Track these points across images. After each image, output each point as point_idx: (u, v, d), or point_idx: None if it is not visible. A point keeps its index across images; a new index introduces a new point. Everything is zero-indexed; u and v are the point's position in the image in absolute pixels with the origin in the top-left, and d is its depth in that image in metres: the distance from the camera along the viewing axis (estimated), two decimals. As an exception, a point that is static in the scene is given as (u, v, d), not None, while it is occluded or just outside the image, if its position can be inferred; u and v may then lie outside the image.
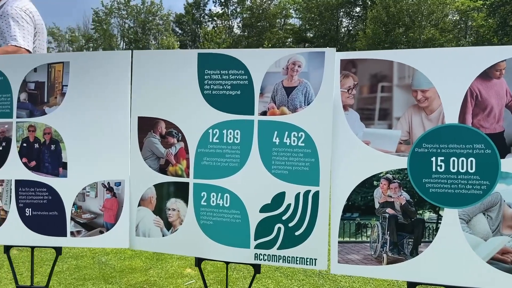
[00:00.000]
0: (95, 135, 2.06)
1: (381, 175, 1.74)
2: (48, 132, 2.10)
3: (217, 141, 1.91)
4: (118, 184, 2.05)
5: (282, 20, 59.91)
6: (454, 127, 1.67)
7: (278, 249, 1.85)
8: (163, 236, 2.00)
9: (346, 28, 58.38)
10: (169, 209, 1.98)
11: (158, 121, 1.99)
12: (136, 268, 3.41)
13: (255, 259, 1.88)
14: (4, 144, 2.13)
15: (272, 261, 1.86)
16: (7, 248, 2.15)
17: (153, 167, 2.00)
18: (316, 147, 1.79)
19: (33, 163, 2.10)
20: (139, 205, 2.03)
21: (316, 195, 1.80)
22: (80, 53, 2.12)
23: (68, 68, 2.10)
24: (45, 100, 2.11)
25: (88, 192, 2.07)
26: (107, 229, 2.05)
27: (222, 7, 60.92)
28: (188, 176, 1.95)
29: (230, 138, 1.89)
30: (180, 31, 62.47)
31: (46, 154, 2.10)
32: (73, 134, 2.08)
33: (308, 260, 1.82)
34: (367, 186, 1.76)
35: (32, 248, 2.15)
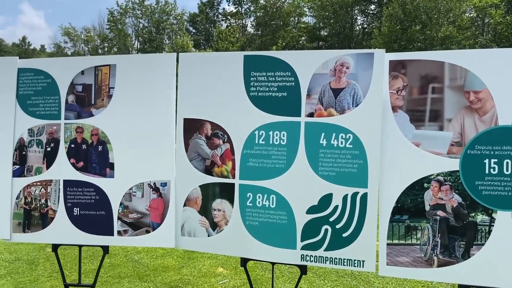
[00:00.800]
0: (142, 136, 2.10)
1: (432, 177, 1.73)
2: (95, 133, 2.15)
3: (263, 142, 1.93)
4: (164, 184, 2.08)
5: (296, 18, 59.61)
6: (508, 128, 1.65)
7: (325, 250, 1.86)
8: (208, 236, 2.02)
9: (360, 26, 57.74)
10: (214, 210, 2.01)
11: (204, 123, 2.02)
12: (169, 267, 3.46)
13: (301, 260, 1.89)
14: (52, 145, 2.19)
15: (318, 262, 1.87)
16: (55, 247, 2.21)
17: (199, 168, 2.03)
18: (365, 148, 1.79)
19: (81, 164, 2.16)
20: (184, 205, 2.06)
21: (364, 197, 1.79)
22: (126, 56, 2.16)
23: (114, 71, 2.14)
24: (93, 102, 2.16)
25: (135, 192, 2.11)
26: (153, 229, 2.08)
27: (236, 6, 60.92)
28: (233, 177, 1.97)
29: (277, 139, 1.91)
30: (194, 30, 62.76)
31: (93, 155, 2.15)
32: (120, 135, 2.12)
33: (355, 262, 1.82)
34: (417, 188, 1.75)
35: (80, 246, 2.21)
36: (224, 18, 62.22)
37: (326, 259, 1.86)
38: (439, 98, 1.73)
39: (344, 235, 1.83)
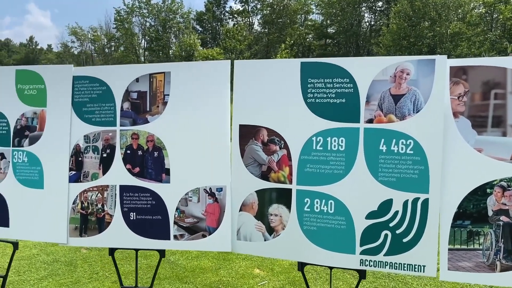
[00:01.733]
0: (197, 142, 2.13)
1: (495, 182, 1.74)
2: (151, 139, 2.19)
3: (321, 148, 1.95)
4: (220, 189, 2.12)
5: (303, 16, 59.43)
6: None
7: (384, 255, 1.88)
8: (265, 240, 2.06)
9: (368, 23, 57.40)
10: (271, 215, 2.04)
11: (260, 129, 2.05)
12: (206, 268, 3.50)
13: (360, 265, 1.91)
14: (108, 151, 2.24)
15: (378, 267, 1.90)
16: (111, 251, 2.26)
17: (255, 173, 2.06)
18: (426, 154, 1.80)
19: (137, 169, 2.20)
20: (240, 210, 2.10)
21: (425, 202, 1.81)
22: (180, 63, 2.19)
23: (169, 78, 2.18)
24: (148, 109, 2.20)
25: (191, 197, 2.15)
26: (210, 233, 2.12)
27: (243, 4, 60.87)
28: (291, 182, 2.00)
29: (335, 145, 1.93)
30: (200, 29, 62.85)
31: (149, 161, 2.19)
32: (175, 141, 2.16)
33: (416, 266, 1.84)
34: (479, 193, 1.76)
35: (136, 250, 2.26)
36: (231, 16, 62.24)
37: (386, 263, 1.88)
38: (502, 104, 1.74)
39: (405, 240, 1.85)
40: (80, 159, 2.27)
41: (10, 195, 2.32)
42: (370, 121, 1.88)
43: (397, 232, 1.86)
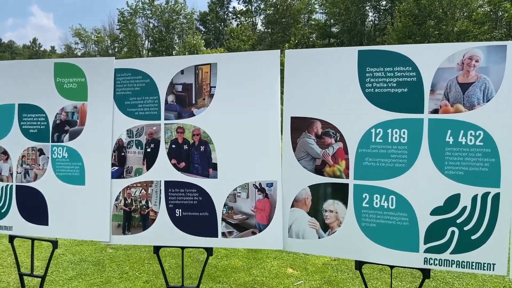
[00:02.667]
0: (245, 135, 2.05)
1: None
2: (197, 133, 2.11)
3: (381, 141, 1.86)
4: (270, 185, 2.03)
5: (307, 15, 59.34)
6: None
7: (451, 253, 1.79)
8: (319, 238, 1.97)
9: (372, 22, 57.26)
10: (326, 211, 1.95)
11: (314, 121, 1.96)
12: (237, 268, 3.42)
13: (424, 264, 1.82)
14: (152, 145, 2.16)
15: (443, 265, 1.80)
16: (156, 249, 2.18)
17: (308, 168, 1.97)
18: (497, 146, 1.71)
19: (182, 164, 2.12)
20: (292, 206, 2.01)
21: (496, 197, 1.72)
22: (228, 54, 2.11)
23: (215, 69, 2.10)
24: (193, 102, 2.12)
25: (239, 193, 2.06)
26: (260, 230, 2.04)
27: (246, 4, 60.85)
28: (347, 177, 1.91)
29: (396, 137, 1.84)
30: (203, 29, 62.88)
31: (195, 155, 2.11)
32: (222, 135, 2.08)
33: (485, 265, 1.75)
34: (555, 187, 1.67)
35: (183, 248, 2.17)
36: (234, 17, 62.22)
37: (452, 262, 1.79)
38: None
39: (473, 237, 1.75)
40: (123, 154, 2.19)
41: (49, 192, 2.24)
42: (435, 111, 1.78)
43: (465, 229, 1.76)
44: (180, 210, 2.12)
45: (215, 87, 2.10)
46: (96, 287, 3.12)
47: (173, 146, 2.13)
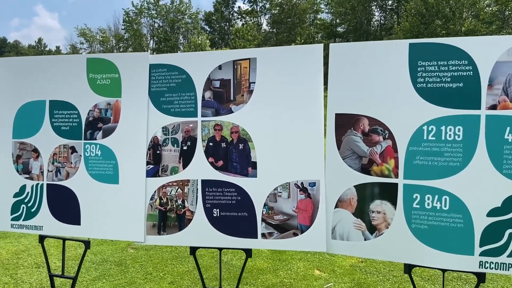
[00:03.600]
0: (287, 133, 1.97)
1: None
2: (235, 131, 2.03)
3: (433, 138, 1.78)
4: (313, 184, 1.95)
5: (312, 15, 59.23)
6: None
7: (508, 256, 1.70)
8: (365, 240, 1.89)
9: (378, 22, 57.04)
10: (373, 212, 1.87)
11: (360, 118, 1.88)
12: (263, 269, 3.34)
13: (479, 267, 1.74)
14: (189, 143, 2.09)
15: (500, 269, 1.71)
16: (193, 250, 2.11)
17: (354, 166, 1.89)
18: (561, 144, 1.62)
19: (220, 163, 2.05)
20: (336, 206, 1.93)
21: (559, 197, 1.63)
22: (267, 48, 2.03)
23: (255, 65, 2.02)
24: (231, 98, 2.05)
25: (280, 192, 1.99)
26: (302, 232, 1.96)
27: (251, 3, 60.82)
28: (396, 176, 1.83)
29: (450, 135, 1.76)
30: (209, 29, 62.92)
31: (234, 154, 2.04)
32: (262, 132, 2.01)
33: (546, 268, 1.66)
34: None
35: (220, 249, 2.10)
36: (239, 16, 62.22)
37: (510, 265, 1.70)
38: None
39: (533, 239, 1.67)
40: (158, 152, 2.12)
41: (81, 191, 2.18)
42: (493, 107, 1.70)
43: (525, 230, 1.68)
44: (217, 210, 2.05)
45: (254, 82, 2.02)
46: (121, 288, 3.06)
47: (211, 144, 2.06)
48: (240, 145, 2.03)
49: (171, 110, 2.11)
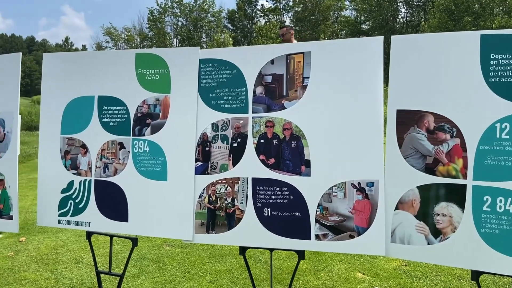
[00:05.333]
0: (343, 130, 1.88)
1: None
2: (288, 127, 1.96)
3: (507, 136, 1.65)
4: (371, 184, 1.86)
5: (336, 12, 58.48)
6: None
7: None
8: (428, 244, 1.78)
9: (404, 19, 55.74)
10: (437, 214, 1.76)
11: (425, 115, 1.77)
12: (303, 270, 3.26)
13: (559, 276, 1.60)
14: (239, 140, 2.03)
15: None
16: (243, 250, 2.05)
17: (417, 166, 1.78)
18: None
19: (271, 161, 1.98)
20: (396, 208, 1.82)
21: None
22: (323, 42, 1.95)
23: (309, 59, 1.94)
24: (284, 94, 1.97)
25: (336, 192, 1.90)
26: (359, 234, 1.87)
27: (274, 1, 60.59)
28: (465, 177, 1.71)
29: (527, 133, 1.62)
30: (231, 27, 63.12)
31: (286, 151, 1.96)
32: (317, 129, 1.92)
33: None
34: None
35: (271, 250, 2.03)
36: (262, 14, 62.11)
37: None
38: None
39: None
40: (207, 149, 2.07)
41: (129, 187, 2.16)
42: None
43: None
44: (268, 209, 1.98)
45: (308, 77, 1.94)
46: (161, 286, 3.04)
47: (262, 141, 2.00)
48: (293, 142, 1.95)
49: (221, 106, 2.05)
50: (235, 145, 2.03)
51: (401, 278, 3.09)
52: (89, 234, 2.27)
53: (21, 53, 2.31)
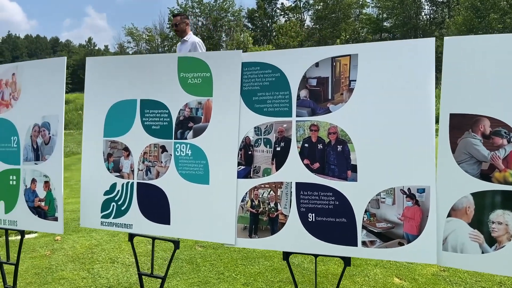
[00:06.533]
0: (392, 134, 1.83)
1: None
2: (333, 131, 1.92)
3: None
4: (422, 190, 1.80)
5: (357, 10, 57.71)
6: None
7: None
8: (482, 253, 1.71)
9: (428, 16, 54.49)
10: (493, 222, 1.69)
11: (480, 119, 1.70)
12: (338, 274, 3.21)
13: None
14: (282, 144, 2.00)
15: None
16: (286, 255, 2.03)
17: (471, 172, 1.72)
18: None
19: (316, 165, 1.95)
20: (449, 215, 1.76)
21: None
22: (370, 44, 1.91)
23: (356, 61, 1.90)
24: (329, 97, 1.94)
25: (384, 198, 1.85)
26: (408, 241, 1.81)
27: (294, 0, 60.29)
28: (524, 184, 1.63)
29: None
30: (251, 26, 63.19)
31: (331, 156, 1.92)
32: (364, 133, 1.88)
33: None
34: None
35: (316, 256, 2.00)
36: (282, 13, 61.90)
37: None
38: None
39: None
40: (250, 153, 2.06)
41: (171, 190, 2.17)
42: None
43: None
44: (313, 214, 1.95)
45: (355, 80, 1.90)
46: (196, 287, 3.06)
47: (306, 145, 1.97)
48: (338, 146, 1.92)
49: (264, 110, 2.04)
50: (278, 149, 2.01)
51: (440, 284, 3.00)
52: (131, 236, 2.29)
53: (66, 57, 2.36)
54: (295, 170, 1.98)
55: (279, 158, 2.01)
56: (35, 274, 3.30)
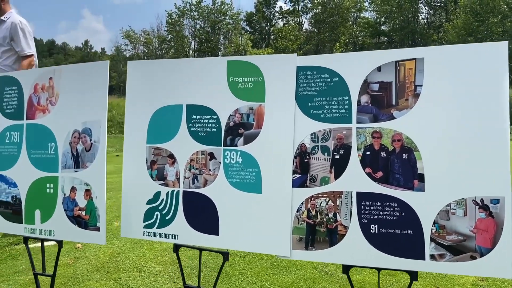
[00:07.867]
0: (462, 141, 1.74)
1: None
2: (398, 139, 1.83)
3: None
4: (496, 201, 1.71)
5: (356, 14, 57.99)
6: None
7: None
8: None
9: (426, 20, 54.83)
10: None
11: (560, 127, 1.62)
12: (375, 284, 3.11)
13: None
14: (342, 152, 1.91)
15: None
16: (346, 268, 1.93)
17: (550, 182, 1.64)
18: None
19: (379, 174, 1.86)
20: (525, 227, 1.68)
21: None
22: (438, 47, 1.83)
23: (422, 65, 1.81)
24: (393, 103, 1.85)
25: (454, 209, 1.76)
26: (481, 255, 1.72)
27: (293, 3, 60.49)
28: None
29: None
30: (250, 29, 63.26)
31: (396, 164, 1.84)
32: (431, 141, 1.79)
33: None
34: None
35: (379, 270, 1.91)
36: (280, 16, 62.07)
37: None
38: None
39: None
40: (306, 160, 1.97)
41: (220, 199, 2.07)
42: None
43: None
44: (376, 226, 1.86)
45: (421, 85, 1.81)
46: (229, 298, 2.95)
47: (368, 153, 1.88)
48: (403, 154, 1.83)
49: (321, 116, 1.95)
50: (337, 156, 1.92)
51: (482, 295, 2.91)
52: (176, 247, 2.19)
53: (108, 61, 2.26)
54: (356, 179, 1.89)
55: (338, 166, 1.92)
56: (61, 284, 3.18)
